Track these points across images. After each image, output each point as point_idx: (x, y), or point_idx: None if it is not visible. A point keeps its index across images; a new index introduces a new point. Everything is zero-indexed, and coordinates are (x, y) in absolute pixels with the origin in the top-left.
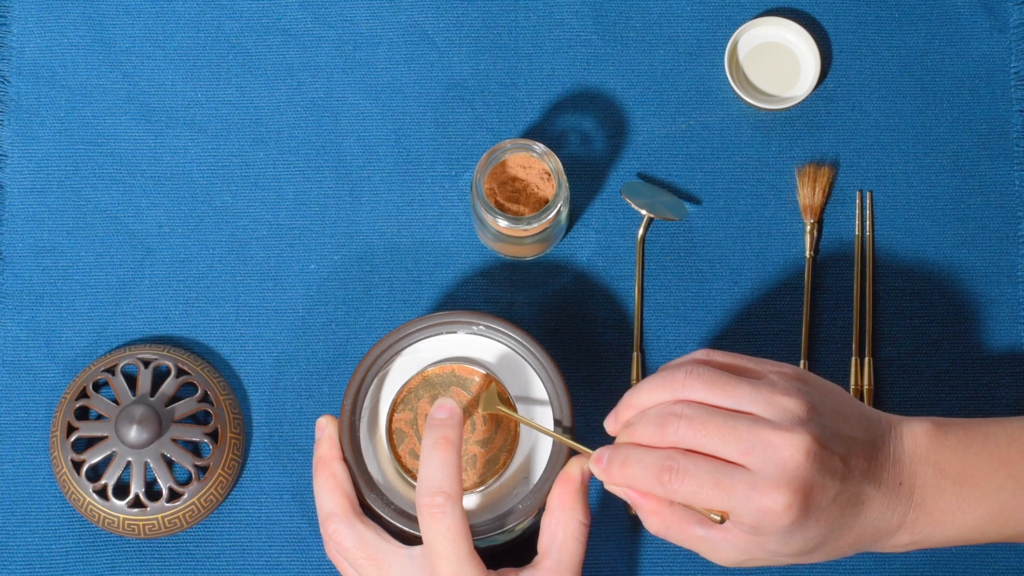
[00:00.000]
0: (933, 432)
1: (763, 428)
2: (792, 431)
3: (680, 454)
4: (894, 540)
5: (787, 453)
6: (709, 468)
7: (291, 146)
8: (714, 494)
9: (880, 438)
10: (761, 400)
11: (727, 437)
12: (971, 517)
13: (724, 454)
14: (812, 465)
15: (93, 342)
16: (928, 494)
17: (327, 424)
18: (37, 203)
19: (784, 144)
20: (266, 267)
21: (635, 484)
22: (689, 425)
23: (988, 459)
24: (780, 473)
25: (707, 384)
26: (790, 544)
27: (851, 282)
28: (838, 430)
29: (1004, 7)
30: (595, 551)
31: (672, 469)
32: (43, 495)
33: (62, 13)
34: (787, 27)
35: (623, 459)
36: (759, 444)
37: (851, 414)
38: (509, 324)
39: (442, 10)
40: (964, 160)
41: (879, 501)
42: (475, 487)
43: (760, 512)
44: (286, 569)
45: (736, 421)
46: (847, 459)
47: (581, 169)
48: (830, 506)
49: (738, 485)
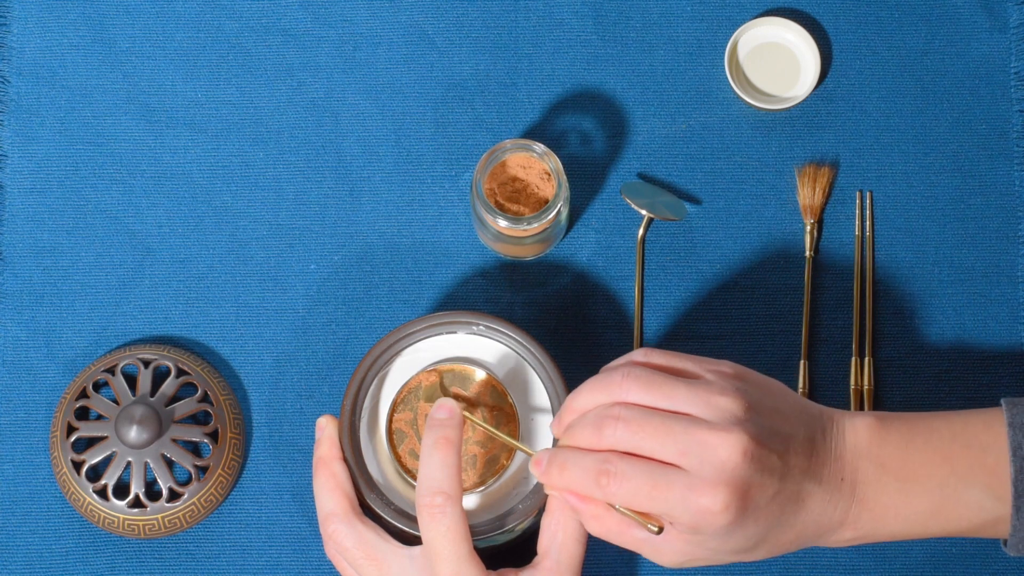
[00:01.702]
0: (875, 427)
1: (699, 429)
2: (728, 431)
3: (617, 457)
4: (837, 535)
5: (724, 453)
6: (645, 470)
7: (291, 146)
8: (651, 496)
9: (821, 434)
10: (698, 400)
11: (664, 439)
12: (914, 512)
13: (661, 456)
14: (749, 464)
15: (93, 342)
16: (870, 489)
17: (327, 424)
18: (37, 203)
19: (784, 144)
20: (266, 267)
21: (573, 487)
22: (626, 427)
23: (931, 454)
24: (717, 473)
25: (644, 385)
26: (730, 542)
27: (851, 282)
28: (777, 428)
29: (1004, 7)
30: (595, 551)
31: (609, 472)
32: (43, 495)
33: (62, 13)
34: (787, 27)
35: (561, 463)
36: (695, 445)
37: (790, 411)
38: (509, 324)
39: (442, 10)
40: (964, 160)
41: (820, 498)
42: (475, 487)
43: (698, 512)
44: (286, 569)
45: (672, 422)
46: (785, 456)
47: (581, 169)
48: (769, 504)
49: (675, 486)
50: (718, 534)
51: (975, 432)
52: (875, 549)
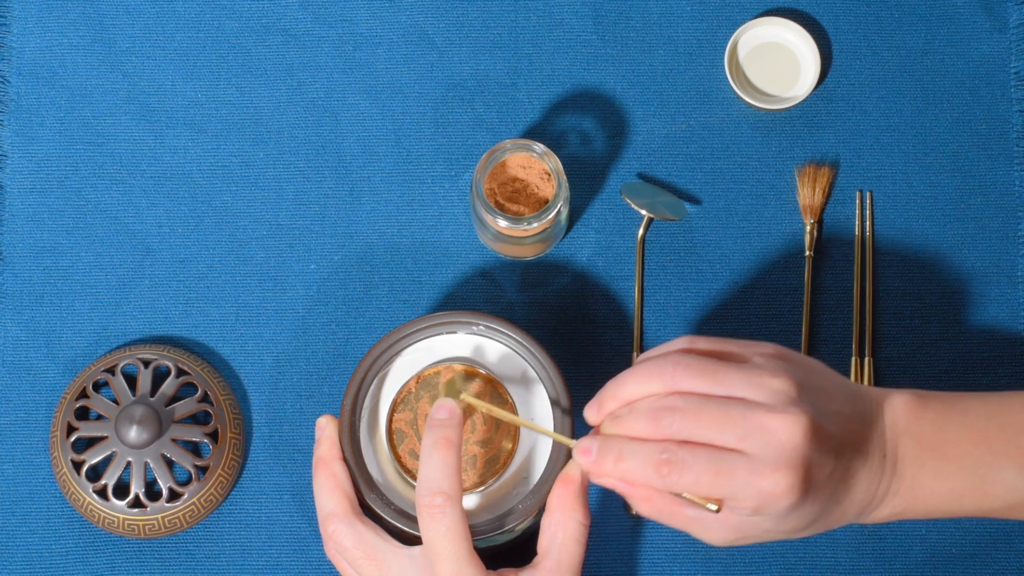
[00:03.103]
0: (913, 405)
1: (757, 413)
2: (787, 412)
3: (677, 446)
4: (877, 512)
5: (784, 435)
6: (707, 458)
7: (291, 146)
8: (714, 483)
9: (863, 411)
10: (751, 384)
11: (723, 426)
12: (949, 490)
13: (721, 442)
14: (809, 444)
15: (93, 342)
16: (909, 466)
17: (327, 424)
18: (37, 203)
19: (784, 144)
20: (266, 267)
21: (631, 477)
22: (684, 417)
23: (967, 433)
24: (779, 455)
25: (696, 373)
26: (787, 523)
27: (851, 282)
28: (826, 406)
29: (1004, 7)
30: (595, 551)
31: (670, 462)
32: (43, 495)
33: (62, 13)
34: (787, 27)
35: (618, 453)
36: (755, 429)
37: (834, 389)
38: (509, 324)
39: (442, 10)
40: (964, 160)
41: (866, 474)
42: (475, 487)
43: (761, 495)
44: (286, 569)
45: (730, 409)
46: (838, 435)
47: (581, 169)
48: (825, 483)
49: (738, 472)
50: (778, 515)
51: (1012, 412)
52: (875, 549)
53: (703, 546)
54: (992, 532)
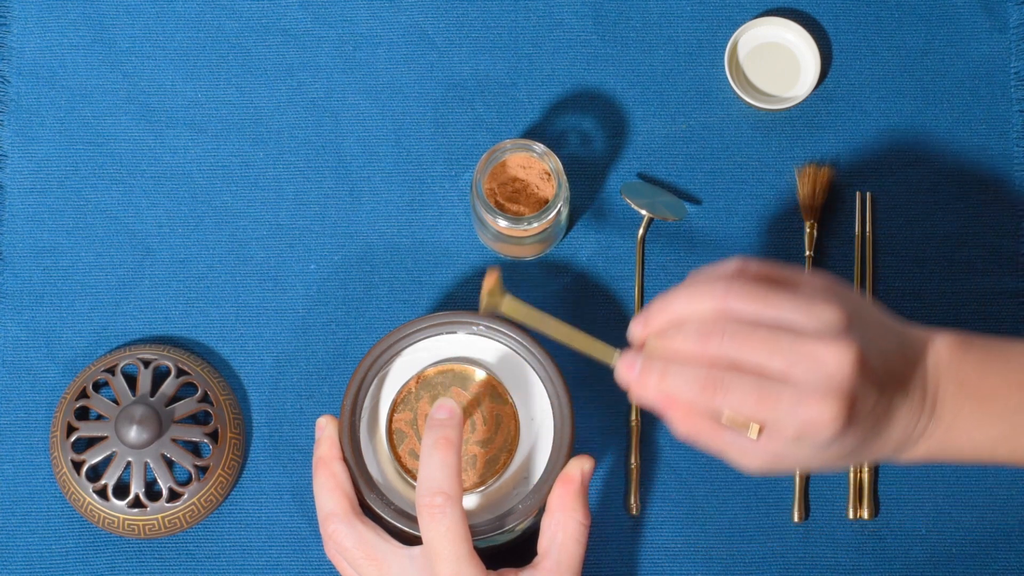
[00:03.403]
0: (955, 346)
1: (807, 341)
2: (836, 342)
3: (724, 368)
4: (911, 452)
5: (833, 365)
6: (753, 382)
7: (291, 146)
8: (758, 407)
9: (908, 349)
10: (802, 311)
11: (771, 351)
12: (985, 435)
13: (768, 368)
14: (856, 375)
15: (93, 342)
16: (947, 407)
17: (327, 424)
18: (37, 203)
19: (784, 144)
20: (266, 267)
21: (674, 395)
22: (733, 339)
23: (1007, 379)
24: (826, 384)
25: (748, 296)
26: (826, 453)
27: (851, 282)
28: (874, 339)
29: (1004, 7)
30: (595, 551)
31: (716, 383)
32: (43, 495)
33: (62, 13)
34: (787, 27)
35: (661, 371)
36: (804, 357)
37: (883, 325)
38: (509, 324)
39: (442, 10)
40: (964, 160)
41: (906, 411)
42: (475, 487)
43: (805, 423)
44: (286, 569)
45: (780, 335)
46: (883, 370)
47: (581, 169)
48: (868, 416)
49: (783, 398)
50: (819, 444)
51: None
52: (875, 549)
53: (703, 546)
54: (992, 532)
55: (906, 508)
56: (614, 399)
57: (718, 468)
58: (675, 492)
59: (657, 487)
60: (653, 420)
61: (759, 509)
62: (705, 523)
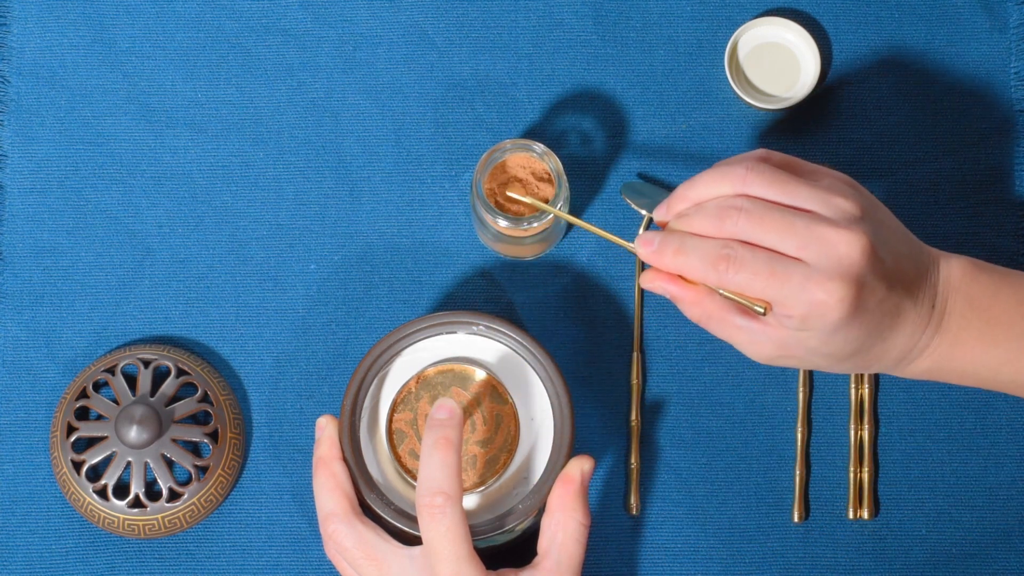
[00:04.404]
0: (968, 268)
1: (821, 225)
2: (849, 228)
3: (738, 244)
4: (914, 365)
5: (844, 249)
6: (765, 259)
7: (291, 146)
8: (768, 283)
9: (920, 258)
10: (819, 199)
11: (785, 232)
12: (990, 356)
13: (781, 248)
14: (866, 263)
15: (93, 342)
16: (955, 323)
17: (327, 424)
18: (37, 203)
19: (784, 144)
20: (266, 267)
21: (687, 271)
22: (748, 218)
23: (1017, 304)
24: (836, 267)
25: (767, 180)
26: (831, 343)
27: None
28: (886, 239)
29: (1004, 7)
30: (595, 551)
31: (729, 257)
32: (43, 495)
33: (62, 13)
34: (787, 27)
35: (678, 246)
36: (816, 240)
37: (896, 229)
38: (509, 324)
39: (442, 10)
40: (964, 160)
41: (912, 318)
42: (475, 487)
43: (812, 304)
44: (286, 569)
45: (794, 217)
46: (893, 267)
47: (581, 169)
48: (874, 310)
49: (793, 276)
50: (824, 329)
51: None
52: (875, 549)
53: (703, 546)
54: (992, 532)
55: (906, 508)
56: (614, 399)
57: (718, 468)
58: (675, 492)
59: (657, 487)
60: (653, 420)
61: (759, 509)
62: (705, 523)
